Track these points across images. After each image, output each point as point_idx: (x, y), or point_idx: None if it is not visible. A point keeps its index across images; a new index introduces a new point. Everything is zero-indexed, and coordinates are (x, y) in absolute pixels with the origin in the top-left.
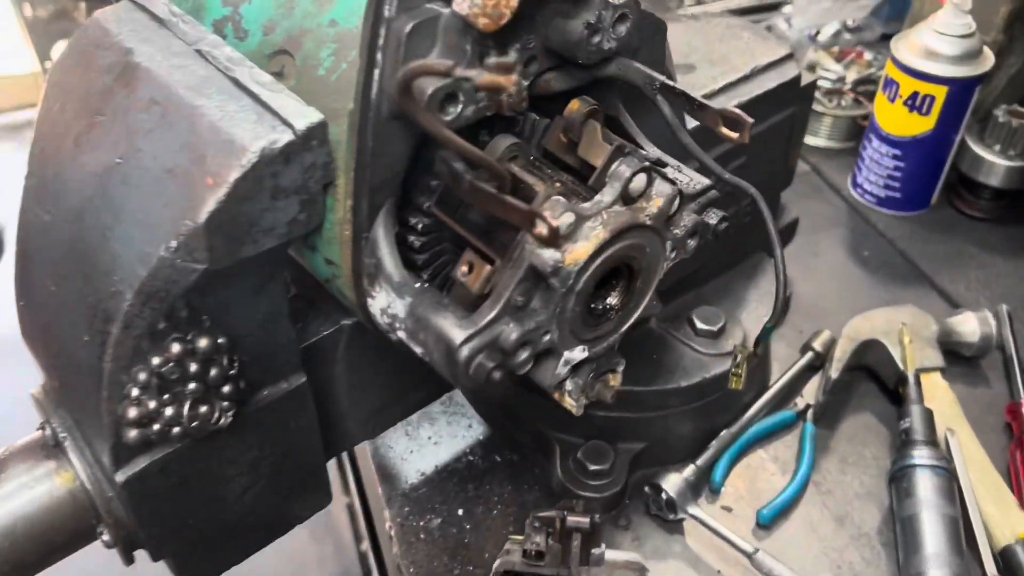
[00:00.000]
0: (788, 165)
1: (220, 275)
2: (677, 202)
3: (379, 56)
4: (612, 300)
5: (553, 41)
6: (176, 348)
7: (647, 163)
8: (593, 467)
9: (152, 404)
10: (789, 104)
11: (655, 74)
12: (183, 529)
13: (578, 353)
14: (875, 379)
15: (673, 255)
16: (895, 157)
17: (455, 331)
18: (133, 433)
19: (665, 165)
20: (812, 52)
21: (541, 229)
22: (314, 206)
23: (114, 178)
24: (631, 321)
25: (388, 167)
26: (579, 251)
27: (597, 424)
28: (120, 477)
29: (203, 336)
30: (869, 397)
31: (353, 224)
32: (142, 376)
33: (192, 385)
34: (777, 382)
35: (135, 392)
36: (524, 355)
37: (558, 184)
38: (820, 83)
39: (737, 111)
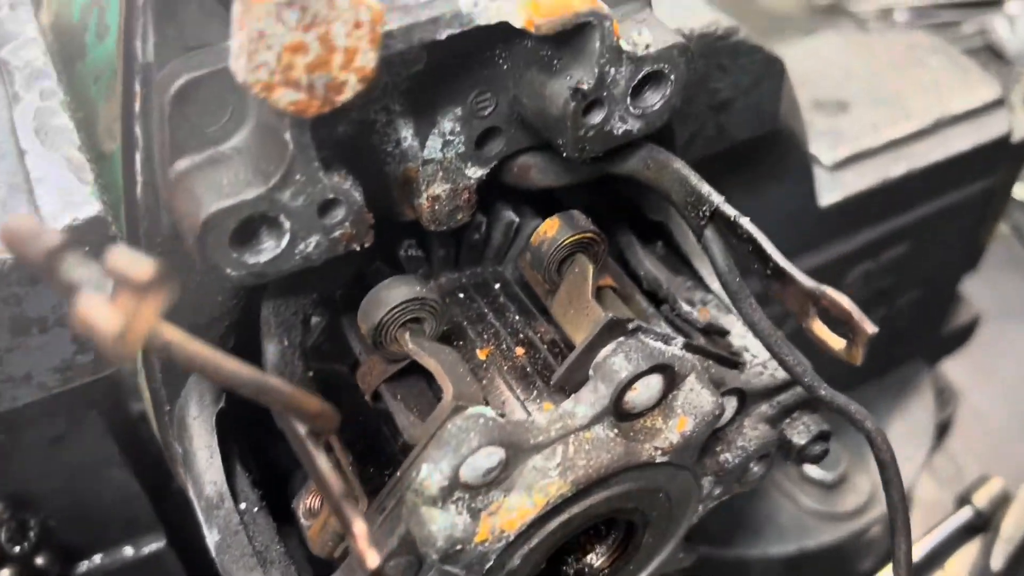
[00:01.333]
0: (977, 245)
1: None
2: (732, 411)
3: (137, 130)
4: (595, 560)
5: (527, 108)
6: None
7: (665, 355)
8: None
9: None
10: (988, 172)
11: (705, 188)
12: None
13: None
14: None
15: (719, 492)
16: None
17: None
18: None
19: (726, 333)
20: None
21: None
22: None
23: None
24: None
25: (192, 308)
26: (506, 516)
27: None
28: None
29: None
30: None
31: (148, 386)
32: None
33: None
34: (914, 545)
35: None
36: None
37: (520, 357)
38: None
39: (847, 304)
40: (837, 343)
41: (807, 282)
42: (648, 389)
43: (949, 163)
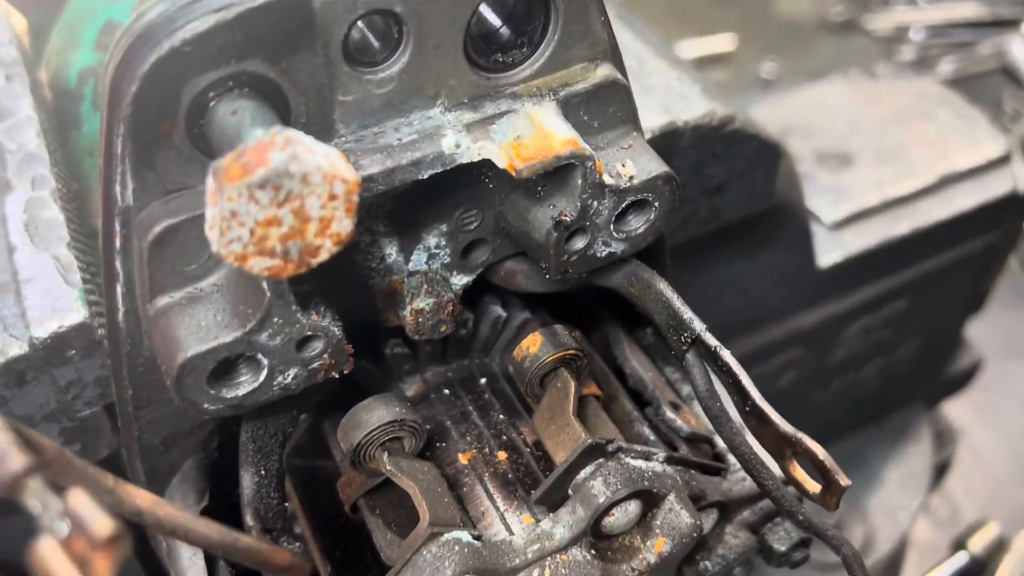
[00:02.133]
0: (981, 292)
1: None
2: (712, 523)
3: (117, 265)
4: None
5: (512, 226)
6: None
7: (645, 477)
8: None
9: None
10: (992, 228)
11: (687, 314)
12: None
13: None
14: None
15: None
16: None
17: None
18: None
19: (711, 438)
20: None
21: None
22: (91, 435)
23: None
24: None
25: (174, 416)
26: None
27: None
28: None
29: None
30: None
31: (133, 482)
32: None
33: None
34: None
35: None
36: None
37: (502, 462)
38: None
39: (822, 454)
40: (813, 487)
41: (785, 426)
42: (626, 514)
43: (953, 221)
